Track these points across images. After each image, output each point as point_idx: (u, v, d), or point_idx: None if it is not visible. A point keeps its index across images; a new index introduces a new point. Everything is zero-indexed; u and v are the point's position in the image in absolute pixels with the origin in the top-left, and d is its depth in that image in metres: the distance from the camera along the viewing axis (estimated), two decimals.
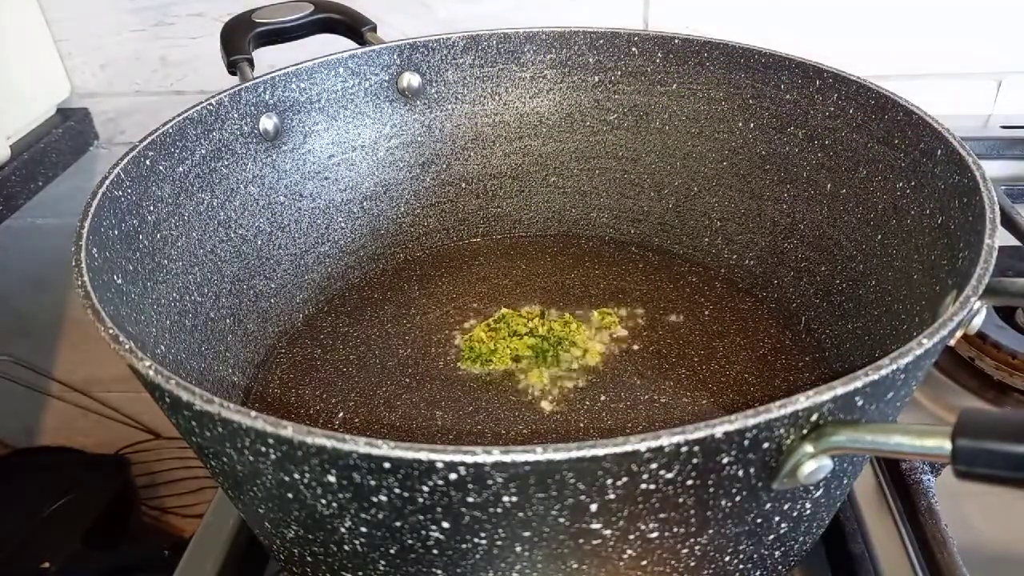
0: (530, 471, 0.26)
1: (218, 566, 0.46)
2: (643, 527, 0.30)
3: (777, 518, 0.34)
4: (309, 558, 0.36)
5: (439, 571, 0.32)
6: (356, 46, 0.61)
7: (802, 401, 0.27)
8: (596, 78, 0.63)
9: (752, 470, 0.29)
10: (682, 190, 0.64)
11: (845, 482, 0.39)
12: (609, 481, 0.27)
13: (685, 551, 0.33)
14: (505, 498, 0.27)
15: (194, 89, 0.90)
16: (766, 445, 0.28)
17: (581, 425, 0.50)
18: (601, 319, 0.58)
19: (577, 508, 0.28)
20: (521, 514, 0.28)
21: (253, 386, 0.55)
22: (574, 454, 0.25)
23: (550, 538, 0.30)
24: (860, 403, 0.29)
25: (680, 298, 0.60)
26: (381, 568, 0.33)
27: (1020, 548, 0.46)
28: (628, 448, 0.26)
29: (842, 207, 0.53)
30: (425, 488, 0.27)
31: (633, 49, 0.61)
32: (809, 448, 0.28)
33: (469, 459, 0.25)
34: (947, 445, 0.26)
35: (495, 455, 0.25)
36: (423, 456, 0.26)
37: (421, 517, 0.29)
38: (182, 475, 1.04)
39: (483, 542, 0.30)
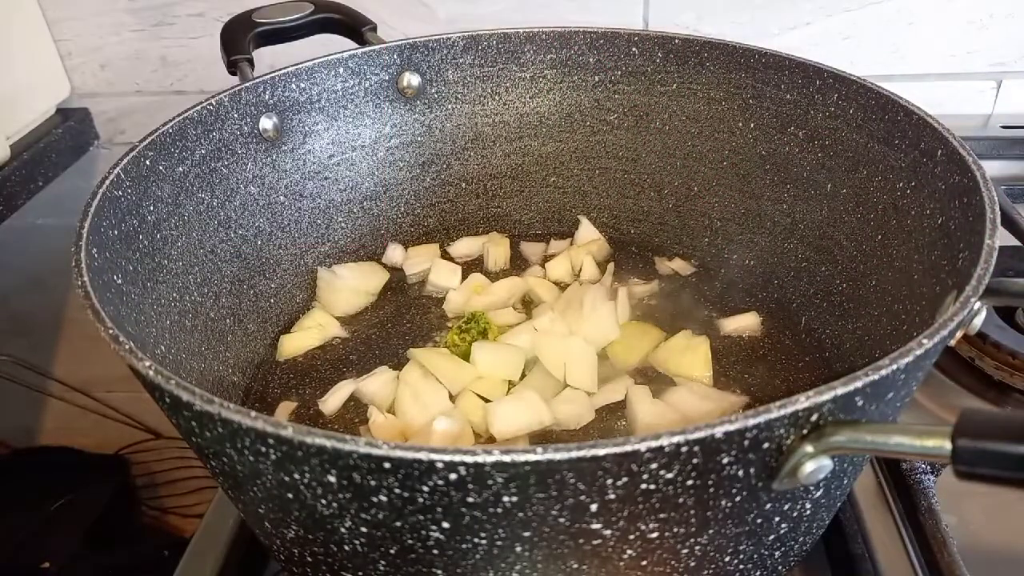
0: (530, 471, 0.26)
1: (218, 566, 0.46)
2: (643, 527, 0.30)
3: (777, 518, 0.34)
4: (309, 558, 0.36)
5: (439, 571, 0.32)
6: (356, 46, 0.61)
7: (802, 401, 0.27)
8: (596, 78, 0.63)
9: (752, 470, 0.29)
10: (682, 190, 0.64)
11: (845, 482, 0.39)
12: (609, 481, 0.27)
13: (685, 551, 0.33)
14: (505, 498, 0.27)
15: (194, 89, 0.90)
16: (766, 445, 0.28)
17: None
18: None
19: (577, 508, 0.28)
20: (521, 514, 0.28)
21: (253, 386, 0.55)
22: (574, 454, 0.25)
23: (550, 538, 0.30)
24: (860, 403, 0.29)
25: (680, 298, 0.60)
26: (381, 568, 0.33)
27: (1020, 548, 0.46)
28: (628, 448, 0.26)
29: (842, 207, 0.53)
30: (425, 488, 0.27)
31: (633, 49, 0.61)
32: (809, 448, 0.28)
33: (469, 459, 0.25)
34: (947, 445, 0.26)
35: (495, 455, 0.25)
36: (423, 456, 0.26)
37: (421, 517, 0.29)
38: (182, 475, 1.03)
39: (483, 542, 0.30)
